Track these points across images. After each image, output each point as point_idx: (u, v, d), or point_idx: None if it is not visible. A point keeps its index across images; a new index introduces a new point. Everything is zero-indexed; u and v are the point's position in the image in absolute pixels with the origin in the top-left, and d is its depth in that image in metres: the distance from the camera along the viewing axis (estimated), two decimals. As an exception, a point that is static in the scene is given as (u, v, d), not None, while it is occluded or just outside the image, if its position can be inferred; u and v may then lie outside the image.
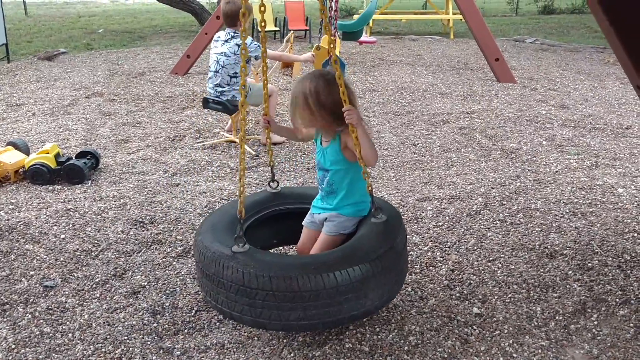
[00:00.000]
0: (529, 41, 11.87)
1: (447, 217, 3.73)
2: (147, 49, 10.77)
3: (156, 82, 7.89)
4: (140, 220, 3.67)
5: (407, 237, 2.88)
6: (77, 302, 2.79)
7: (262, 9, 2.44)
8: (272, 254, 2.38)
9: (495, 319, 2.68)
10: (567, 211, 3.81)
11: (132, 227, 3.58)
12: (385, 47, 10.95)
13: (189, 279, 3.00)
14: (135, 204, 3.91)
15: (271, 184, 2.87)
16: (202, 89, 7.31)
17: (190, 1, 13.94)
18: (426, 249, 3.34)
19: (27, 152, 4.57)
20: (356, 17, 12.81)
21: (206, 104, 5.13)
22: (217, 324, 2.64)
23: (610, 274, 3.04)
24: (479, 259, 3.22)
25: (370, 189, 2.43)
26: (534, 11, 18.06)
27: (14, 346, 2.44)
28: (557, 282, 2.98)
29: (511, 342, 2.52)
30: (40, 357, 2.38)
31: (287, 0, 12.77)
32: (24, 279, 2.97)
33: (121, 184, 4.31)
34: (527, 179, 4.39)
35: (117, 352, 2.43)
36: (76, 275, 3.03)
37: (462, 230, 3.56)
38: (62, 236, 3.43)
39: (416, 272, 3.10)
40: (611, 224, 3.62)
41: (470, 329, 2.61)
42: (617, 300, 2.80)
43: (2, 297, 2.79)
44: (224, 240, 2.35)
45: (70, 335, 2.53)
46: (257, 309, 2.19)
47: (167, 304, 2.78)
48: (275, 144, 5.13)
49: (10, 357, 2.38)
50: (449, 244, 3.39)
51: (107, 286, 2.93)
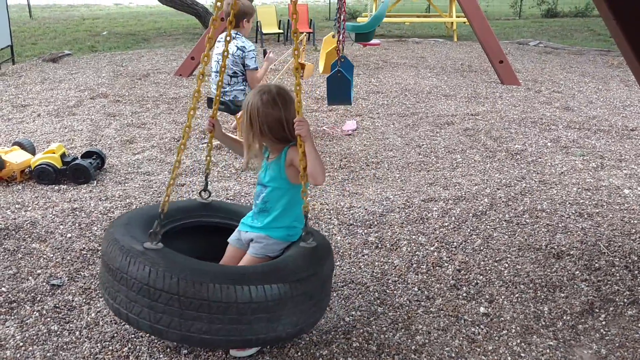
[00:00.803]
0: (532, 44, 11.87)
1: (453, 218, 3.72)
2: (151, 51, 10.80)
3: (160, 83, 7.91)
4: (146, 219, 3.66)
5: (334, 269, 2.75)
6: (84, 300, 2.79)
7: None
8: (186, 257, 2.13)
9: (502, 319, 2.67)
10: (574, 212, 3.81)
11: (138, 226, 3.58)
12: (388, 50, 10.96)
13: (195, 278, 2.99)
14: (141, 203, 3.91)
15: (202, 193, 2.69)
16: (207, 90, 7.31)
17: (194, 4, 13.98)
18: (432, 249, 3.33)
19: (33, 152, 4.58)
20: (360, 19, 12.84)
21: (210, 103, 5.15)
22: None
23: (617, 274, 3.03)
24: (486, 259, 3.21)
25: (306, 210, 2.28)
26: (537, 14, 18.06)
27: (21, 344, 2.44)
28: (565, 282, 2.97)
29: (519, 341, 2.51)
30: (48, 354, 2.38)
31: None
32: (31, 278, 2.97)
33: (127, 184, 4.31)
34: (532, 180, 4.39)
35: (124, 350, 2.42)
36: (83, 273, 3.03)
37: (468, 230, 3.56)
38: (69, 235, 3.44)
39: (422, 272, 3.09)
40: (618, 225, 3.62)
41: (477, 328, 2.60)
42: (625, 300, 2.80)
43: (10, 296, 2.79)
44: (138, 236, 2.19)
45: (77, 333, 2.53)
46: (157, 313, 2.00)
47: (174, 303, 2.77)
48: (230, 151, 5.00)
49: (18, 355, 2.38)
50: (455, 244, 3.39)
51: (113, 285, 2.93)
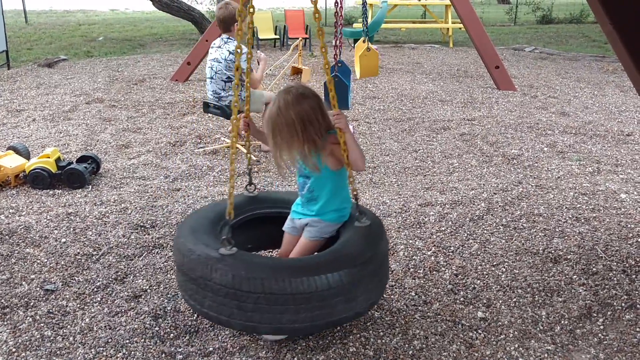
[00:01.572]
0: (528, 50, 11.91)
1: (449, 222, 3.71)
2: (147, 56, 10.79)
3: (156, 88, 7.89)
4: (141, 224, 3.64)
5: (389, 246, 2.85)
6: (78, 305, 2.76)
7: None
8: (261, 256, 2.34)
9: (500, 323, 2.65)
10: (570, 216, 3.80)
11: (133, 231, 3.56)
12: (385, 55, 10.97)
13: (190, 283, 2.97)
14: (136, 208, 3.89)
15: (248, 187, 2.81)
16: (202, 95, 7.30)
17: (190, 9, 13.97)
18: (429, 253, 3.32)
19: (28, 157, 4.55)
20: (357, 25, 12.86)
21: (206, 107, 5.15)
22: (220, 328, 2.61)
23: (615, 279, 3.02)
24: (483, 264, 3.20)
25: (355, 193, 2.44)
26: (532, 21, 18.14)
27: (14, 350, 2.41)
28: (562, 287, 2.96)
29: (517, 346, 2.49)
30: (40, 360, 2.35)
31: (287, 8, 12.81)
32: (24, 283, 2.94)
33: (122, 189, 4.29)
34: (529, 185, 4.38)
35: (118, 355, 2.40)
36: (77, 279, 3.00)
37: (465, 235, 3.55)
38: (63, 240, 3.41)
39: (419, 276, 3.07)
40: (615, 229, 3.61)
41: (475, 333, 2.59)
42: (623, 304, 2.78)
43: (3, 301, 2.76)
44: (208, 242, 2.29)
45: (71, 338, 2.50)
46: (247, 313, 2.13)
47: (169, 308, 2.75)
48: (267, 151, 5.10)
49: (10, 361, 2.35)
50: (452, 248, 3.37)
51: (108, 290, 2.91)
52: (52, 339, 2.50)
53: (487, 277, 3.07)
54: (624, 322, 2.66)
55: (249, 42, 2.64)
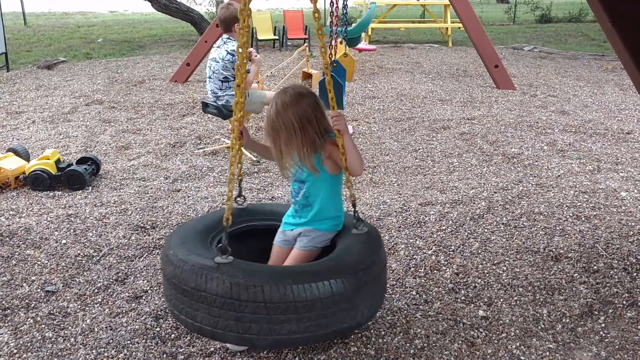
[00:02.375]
0: (527, 49, 11.92)
1: (450, 221, 3.71)
2: (147, 57, 10.79)
3: (156, 89, 7.89)
4: (141, 225, 3.64)
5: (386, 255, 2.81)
6: (79, 306, 2.76)
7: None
8: (259, 264, 2.22)
9: (501, 322, 2.65)
10: (571, 215, 3.80)
11: (134, 232, 3.55)
12: (384, 55, 10.98)
13: (191, 284, 2.97)
14: (136, 209, 3.89)
15: (237, 199, 2.68)
16: (202, 96, 7.30)
17: (189, 10, 13.98)
18: (430, 252, 3.32)
19: (28, 159, 4.55)
20: (354, 25, 12.86)
21: (205, 107, 5.15)
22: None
23: (616, 277, 3.02)
24: (484, 262, 3.20)
25: (353, 199, 2.40)
26: (531, 20, 18.15)
27: (15, 351, 2.41)
28: (563, 285, 2.96)
29: (518, 344, 2.49)
30: (42, 361, 2.35)
31: (286, 9, 12.82)
32: (25, 284, 2.94)
33: (122, 190, 4.28)
34: (529, 183, 4.38)
35: (120, 356, 2.39)
36: (78, 280, 3.00)
37: (466, 234, 3.55)
38: (63, 241, 3.41)
39: (420, 275, 3.07)
40: (615, 227, 3.61)
41: (476, 331, 2.58)
42: (624, 302, 2.78)
43: (4, 302, 2.76)
44: (202, 253, 2.20)
45: (72, 340, 2.50)
46: (245, 324, 2.02)
47: (170, 309, 2.74)
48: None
49: (11, 362, 2.35)
50: (453, 247, 3.37)
51: (109, 291, 2.90)
52: (53, 340, 2.50)
53: (488, 275, 3.06)
54: (626, 320, 2.66)
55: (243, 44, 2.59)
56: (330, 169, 2.40)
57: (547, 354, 2.43)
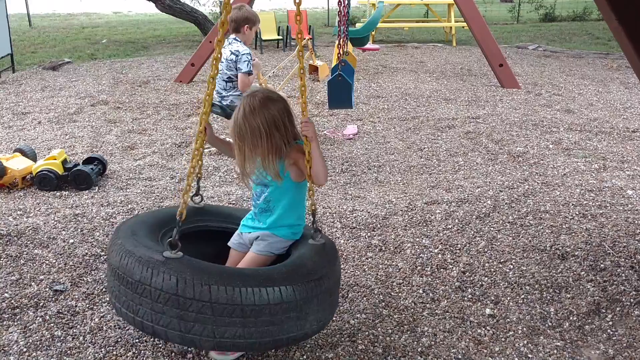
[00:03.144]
0: (531, 48, 11.89)
1: (456, 220, 3.71)
2: (151, 58, 10.81)
3: (161, 90, 7.91)
4: (148, 225, 3.65)
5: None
6: (88, 305, 2.77)
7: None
8: (209, 263, 2.12)
9: (508, 320, 2.66)
10: (577, 213, 3.80)
11: (141, 231, 3.56)
12: (388, 55, 10.98)
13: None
14: (142, 209, 3.90)
15: (194, 198, 2.62)
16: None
17: (193, 11, 14.00)
18: (436, 251, 3.32)
19: (35, 159, 4.57)
20: (359, 25, 12.85)
21: (212, 106, 5.17)
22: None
23: (623, 275, 3.02)
24: (490, 261, 3.20)
25: (314, 208, 2.34)
26: (535, 19, 18.10)
27: (25, 350, 2.42)
28: (570, 283, 2.96)
29: (526, 342, 2.50)
30: (51, 360, 2.37)
31: (290, 9, 12.81)
32: (33, 283, 2.95)
33: (128, 190, 4.30)
34: (535, 182, 4.38)
35: (128, 355, 2.41)
36: (86, 279, 3.01)
37: (472, 232, 3.55)
38: (71, 241, 3.42)
39: (427, 274, 3.08)
40: (622, 225, 3.60)
41: (483, 329, 2.59)
42: (632, 300, 2.78)
43: (13, 301, 2.78)
44: (151, 246, 2.15)
45: (81, 338, 2.51)
46: (188, 323, 1.96)
47: (178, 307, 2.75)
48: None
49: (21, 361, 2.36)
50: (459, 246, 3.38)
51: (117, 290, 2.91)
52: (62, 338, 2.51)
53: (494, 274, 3.07)
54: (633, 317, 2.66)
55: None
56: (294, 177, 2.35)
57: (555, 352, 2.43)
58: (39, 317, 2.66)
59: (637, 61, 2.95)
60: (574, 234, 3.50)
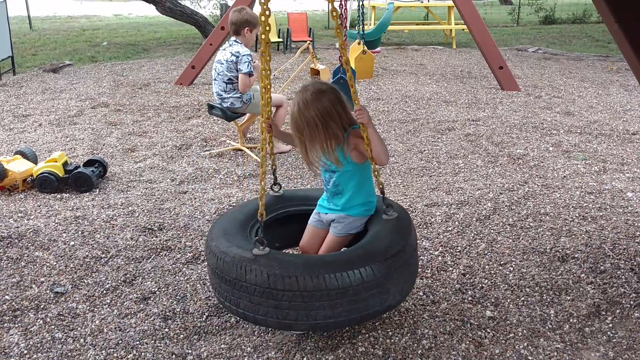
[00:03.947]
0: (531, 50, 11.90)
1: (456, 222, 3.72)
2: (152, 60, 10.82)
3: (161, 92, 7.92)
4: (149, 227, 3.66)
5: (417, 238, 2.88)
6: (88, 307, 2.78)
7: (268, 28, 2.34)
8: (294, 254, 2.38)
9: (508, 322, 2.66)
10: (577, 215, 3.80)
11: (141, 233, 3.57)
12: (388, 57, 10.99)
13: (199, 285, 2.99)
14: (143, 211, 3.91)
15: (273, 187, 2.85)
16: (207, 98, 7.32)
17: (193, 14, 14.01)
18: (436, 253, 3.32)
19: (35, 161, 4.58)
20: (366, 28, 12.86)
21: (210, 109, 5.22)
22: (230, 328, 2.62)
23: (623, 277, 3.02)
24: (490, 263, 3.20)
25: (381, 186, 2.49)
26: (535, 21, 18.11)
27: (26, 352, 2.43)
28: (570, 285, 2.96)
29: (526, 344, 2.50)
30: (52, 362, 2.37)
31: (291, 12, 12.82)
32: (34, 285, 2.96)
33: (129, 192, 4.31)
34: (535, 184, 4.39)
35: (129, 357, 2.41)
36: (86, 281, 3.02)
37: (472, 234, 3.55)
38: (72, 243, 3.43)
39: (427, 276, 3.08)
40: (622, 228, 3.61)
41: (484, 332, 2.59)
42: (632, 302, 2.78)
43: (14, 304, 2.78)
44: (241, 244, 2.34)
45: (82, 340, 2.52)
46: (283, 310, 2.18)
47: (178, 310, 2.76)
48: (281, 152, 5.13)
49: (22, 363, 2.36)
50: (459, 248, 3.38)
51: (117, 292, 2.92)
52: (63, 340, 2.52)
53: (494, 276, 3.07)
54: (633, 320, 2.66)
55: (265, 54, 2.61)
56: (356, 159, 2.48)
57: (555, 354, 2.44)
58: (39, 319, 2.66)
59: (637, 64, 2.95)
60: (574, 236, 3.50)
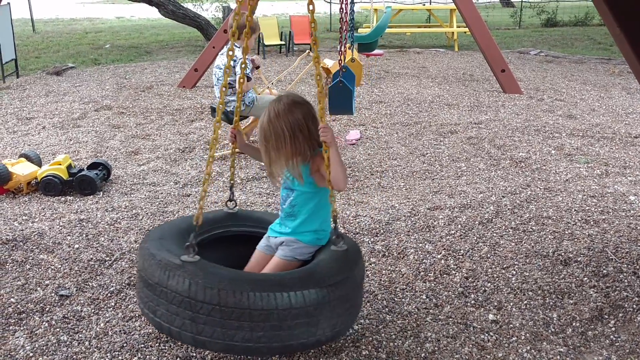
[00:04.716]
0: (533, 53, 11.91)
1: (459, 226, 3.73)
2: (154, 63, 10.86)
3: (164, 95, 7.94)
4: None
5: (365, 272, 2.80)
6: (93, 310, 2.79)
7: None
8: (223, 267, 2.17)
9: (511, 326, 2.67)
10: (580, 219, 3.81)
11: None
12: (390, 60, 11.01)
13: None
14: (147, 214, 3.93)
15: (228, 203, 2.71)
16: (210, 101, 7.35)
17: (195, 16, 14.04)
18: (439, 257, 3.34)
19: (40, 164, 4.59)
20: (361, 30, 12.90)
21: (213, 112, 5.24)
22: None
23: (626, 281, 3.03)
24: (493, 266, 3.21)
25: (335, 214, 2.33)
26: (537, 24, 18.12)
27: (31, 354, 2.44)
28: (573, 289, 2.97)
29: (529, 348, 2.51)
30: (57, 365, 2.38)
31: (293, 14, 12.84)
32: (39, 288, 2.97)
33: (132, 195, 4.32)
34: (537, 188, 4.40)
35: (134, 360, 2.42)
36: (91, 284, 3.03)
37: (475, 238, 3.56)
38: (76, 246, 3.44)
39: (430, 279, 3.09)
40: (624, 231, 3.62)
41: (486, 335, 2.60)
42: (635, 306, 2.79)
43: (19, 306, 2.80)
44: (173, 250, 2.22)
45: (87, 343, 2.53)
46: (199, 325, 2.02)
47: (183, 312, 2.77)
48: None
49: (27, 365, 2.38)
50: (462, 251, 3.39)
51: (121, 295, 2.94)
52: (68, 343, 2.53)
53: (497, 279, 3.08)
54: (636, 324, 2.67)
55: (244, 50, 2.62)
56: (318, 182, 2.39)
57: (558, 357, 2.45)
58: (44, 322, 2.68)
59: (639, 67, 2.97)
60: (576, 240, 3.51)
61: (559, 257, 3.31)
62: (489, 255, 3.35)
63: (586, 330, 2.63)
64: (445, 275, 3.14)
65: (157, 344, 2.52)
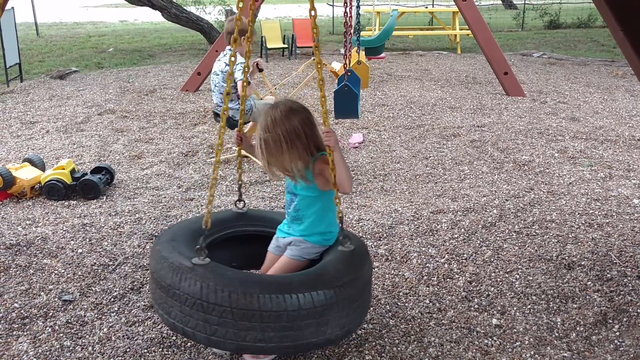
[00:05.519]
0: (536, 55, 11.90)
1: (462, 229, 3.72)
2: (157, 66, 10.88)
3: (167, 99, 7.96)
4: (156, 234, 3.68)
5: (373, 270, 2.83)
6: (96, 315, 2.79)
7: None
8: (233, 269, 2.24)
9: (515, 330, 2.66)
10: (583, 222, 3.80)
11: (149, 241, 3.59)
12: (393, 63, 11.01)
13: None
14: (150, 218, 3.93)
15: (237, 203, 2.75)
16: (213, 105, 7.36)
17: (199, 20, 14.08)
18: (442, 261, 3.33)
19: (43, 168, 4.61)
20: (364, 34, 12.90)
21: (216, 116, 5.27)
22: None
23: (630, 285, 3.02)
24: (497, 271, 3.21)
25: (340, 216, 2.37)
26: (540, 26, 18.10)
27: (35, 359, 2.45)
28: (577, 293, 2.96)
29: (532, 353, 2.50)
30: (61, 370, 2.39)
31: (295, 17, 12.85)
32: (42, 293, 2.98)
33: (136, 199, 4.33)
34: (541, 191, 4.39)
35: (137, 365, 2.42)
36: (94, 289, 3.04)
37: (478, 242, 3.55)
38: (80, 251, 3.45)
39: (433, 284, 3.09)
40: (628, 235, 3.60)
41: (490, 340, 2.59)
42: (639, 310, 2.78)
43: (22, 311, 2.80)
44: (184, 252, 2.27)
45: (90, 348, 2.54)
46: (212, 326, 2.08)
47: (186, 317, 2.77)
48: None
49: (31, 371, 2.38)
50: (465, 255, 3.38)
51: (125, 300, 2.94)
52: (71, 348, 2.53)
53: (501, 284, 3.07)
54: (640, 328, 2.66)
55: (247, 54, 2.63)
56: (321, 186, 2.41)
57: (562, 362, 2.44)
58: (48, 327, 2.68)
59: (642, 71, 2.96)
60: (580, 244, 3.50)
61: (562, 261, 3.30)
62: (492, 259, 3.34)
63: (590, 334, 2.62)
64: (448, 279, 3.13)
65: (160, 349, 2.52)
